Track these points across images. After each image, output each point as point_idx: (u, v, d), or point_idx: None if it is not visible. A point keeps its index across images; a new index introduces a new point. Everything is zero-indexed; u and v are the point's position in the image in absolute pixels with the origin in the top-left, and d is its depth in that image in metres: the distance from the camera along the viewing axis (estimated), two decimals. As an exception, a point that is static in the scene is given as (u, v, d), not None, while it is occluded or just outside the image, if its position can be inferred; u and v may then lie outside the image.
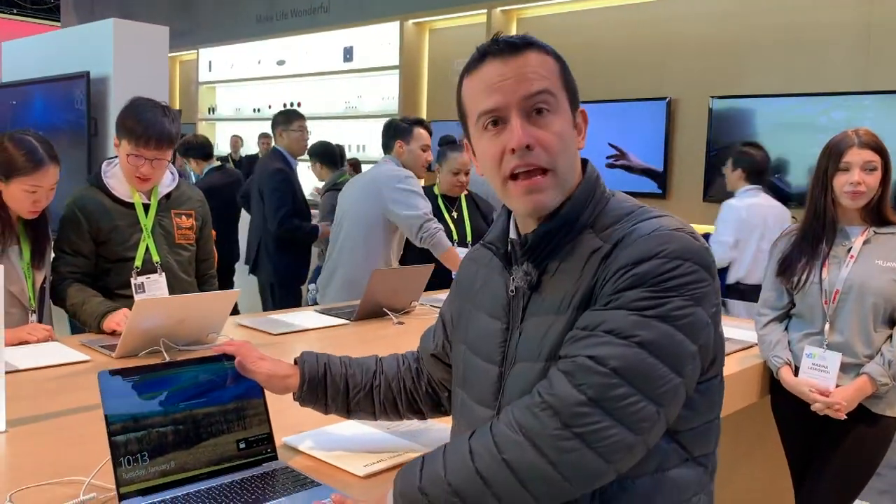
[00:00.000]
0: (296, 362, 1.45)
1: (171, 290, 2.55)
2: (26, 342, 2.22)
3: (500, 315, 1.22)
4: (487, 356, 1.23)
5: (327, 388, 1.43)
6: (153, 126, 2.41)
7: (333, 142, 8.57)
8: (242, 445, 1.37)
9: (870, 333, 2.24)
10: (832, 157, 2.28)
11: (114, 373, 1.28)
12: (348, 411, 1.47)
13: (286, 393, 1.44)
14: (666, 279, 1.05)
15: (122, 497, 1.22)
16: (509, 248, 1.22)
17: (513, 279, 1.20)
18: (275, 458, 1.41)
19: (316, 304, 3.59)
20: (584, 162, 1.22)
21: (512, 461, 1.02)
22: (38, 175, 2.24)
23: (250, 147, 10.28)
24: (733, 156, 4.28)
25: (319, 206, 5.05)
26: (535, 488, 1.02)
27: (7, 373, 1.62)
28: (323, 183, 5.30)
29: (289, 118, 4.45)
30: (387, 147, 3.60)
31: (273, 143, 4.61)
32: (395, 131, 3.57)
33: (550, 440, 1.01)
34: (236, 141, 10.07)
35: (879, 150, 2.26)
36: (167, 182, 2.63)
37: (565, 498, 1.04)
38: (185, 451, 1.30)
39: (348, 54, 9.13)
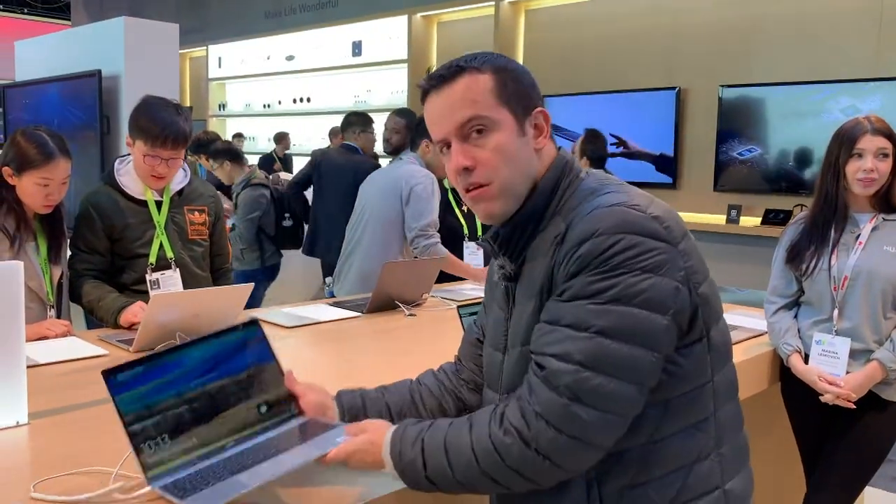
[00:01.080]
0: None
1: (186, 286, 2.58)
2: (45, 337, 2.26)
3: (503, 305, 1.29)
4: (495, 344, 1.30)
5: (368, 413, 1.41)
6: (170, 126, 2.44)
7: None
8: (264, 409, 1.39)
9: (878, 319, 2.24)
10: (844, 143, 2.28)
11: (116, 370, 1.26)
12: None
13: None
14: (608, 257, 1.05)
15: (150, 480, 1.23)
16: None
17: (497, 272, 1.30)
18: (301, 414, 1.42)
19: (332, 296, 3.61)
20: (558, 150, 1.26)
21: (517, 467, 1.09)
22: (49, 167, 2.27)
23: (258, 144, 10.35)
24: (579, 145, 4.95)
25: (240, 203, 5.09)
26: (540, 479, 1.11)
27: (28, 367, 1.65)
28: (235, 182, 5.33)
29: (366, 121, 5.00)
30: (413, 144, 3.59)
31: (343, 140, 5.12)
32: (424, 130, 3.54)
33: (548, 444, 1.07)
34: (285, 137, 9.53)
35: (891, 136, 2.25)
36: (179, 179, 2.66)
37: (563, 479, 1.13)
38: (206, 425, 1.31)
39: (357, 49, 9.15)
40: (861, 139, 2.24)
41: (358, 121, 4.98)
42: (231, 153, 5.45)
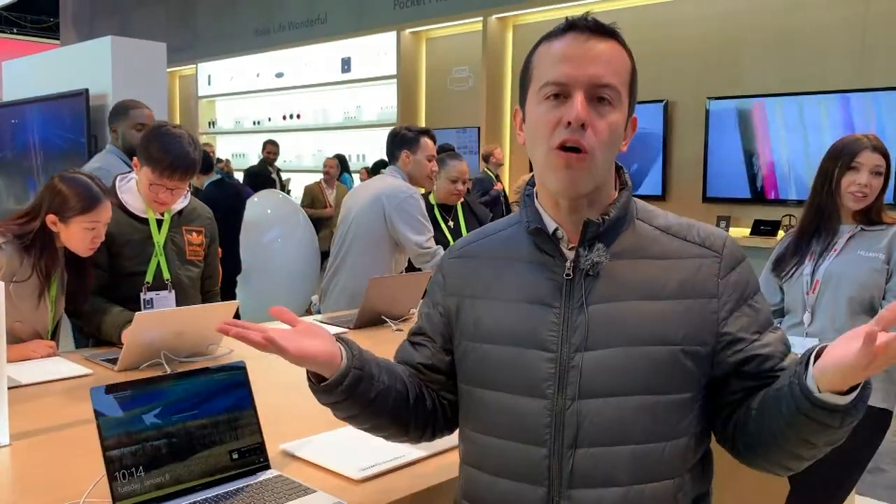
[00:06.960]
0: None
1: (181, 306, 2.56)
2: (30, 358, 2.24)
3: (547, 300, 1.16)
4: (533, 343, 1.16)
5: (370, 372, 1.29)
6: (180, 159, 2.43)
7: (334, 152, 8.70)
8: (235, 456, 1.39)
9: (844, 322, 2.27)
10: (843, 156, 2.32)
11: (106, 389, 1.29)
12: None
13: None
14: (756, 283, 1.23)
15: None
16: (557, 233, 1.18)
17: (570, 265, 1.16)
18: (268, 467, 1.43)
19: (319, 313, 3.59)
20: (618, 167, 1.22)
21: None
22: (96, 211, 2.25)
23: (249, 160, 10.33)
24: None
25: None
26: None
27: (10, 388, 1.64)
28: None
29: None
30: (392, 157, 3.57)
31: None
32: (402, 141, 3.54)
33: None
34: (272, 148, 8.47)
35: (886, 155, 2.32)
36: (180, 199, 2.64)
37: None
38: (180, 463, 1.31)
39: (346, 65, 9.19)
40: (861, 154, 2.30)
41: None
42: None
